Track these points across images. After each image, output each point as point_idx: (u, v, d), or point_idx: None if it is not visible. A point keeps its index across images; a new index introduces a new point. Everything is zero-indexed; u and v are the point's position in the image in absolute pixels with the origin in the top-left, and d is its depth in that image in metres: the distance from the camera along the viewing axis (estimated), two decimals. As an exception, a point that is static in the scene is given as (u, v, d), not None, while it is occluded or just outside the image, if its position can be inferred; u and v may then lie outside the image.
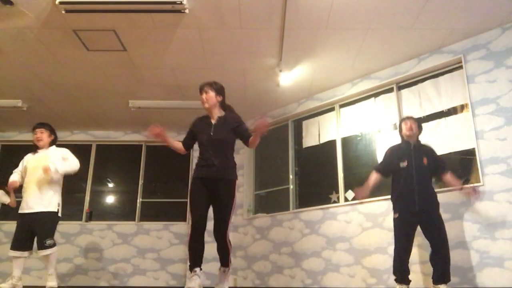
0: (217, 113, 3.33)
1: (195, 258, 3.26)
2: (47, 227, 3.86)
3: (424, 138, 4.25)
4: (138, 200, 6.85)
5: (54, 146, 4.14)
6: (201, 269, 3.22)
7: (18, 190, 4.15)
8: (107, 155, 7.17)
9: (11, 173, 4.16)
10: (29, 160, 4.06)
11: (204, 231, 3.28)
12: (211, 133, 3.22)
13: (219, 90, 3.35)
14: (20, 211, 3.93)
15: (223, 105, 3.39)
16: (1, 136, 7.09)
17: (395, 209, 3.76)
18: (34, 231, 3.84)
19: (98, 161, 7.08)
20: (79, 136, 7.11)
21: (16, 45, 4.51)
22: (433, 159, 3.78)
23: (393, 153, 3.89)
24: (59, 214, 3.97)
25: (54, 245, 3.86)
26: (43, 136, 4.06)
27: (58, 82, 5.39)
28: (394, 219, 3.75)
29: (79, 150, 7.07)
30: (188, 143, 3.41)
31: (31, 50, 4.59)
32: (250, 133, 3.24)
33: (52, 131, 4.16)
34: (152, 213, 6.85)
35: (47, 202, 3.87)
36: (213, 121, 3.29)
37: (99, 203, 6.97)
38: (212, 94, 3.29)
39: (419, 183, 3.63)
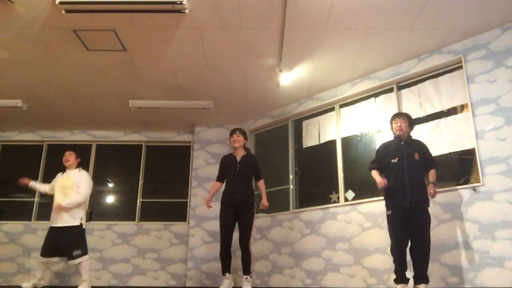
0: (241, 152, 4.36)
1: (226, 265, 4.14)
2: (72, 240, 4.39)
3: (424, 138, 4.25)
4: (138, 200, 6.86)
5: (80, 168, 4.66)
6: (229, 273, 4.13)
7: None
8: (107, 155, 7.16)
9: (11, 173, 4.55)
10: (57, 179, 4.62)
11: (231, 245, 4.14)
12: (237, 168, 4.27)
13: (245, 135, 4.42)
14: (50, 224, 4.46)
15: (244, 147, 4.42)
16: (1, 136, 7.09)
17: (387, 206, 3.78)
18: (61, 243, 4.36)
19: (98, 161, 7.09)
20: (79, 136, 7.11)
21: (16, 45, 4.51)
22: (423, 155, 3.81)
23: (384, 150, 3.94)
24: (84, 227, 4.52)
25: (82, 254, 4.40)
26: (71, 158, 4.63)
27: (58, 82, 5.39)
28: (388, 216, 3.77)
29: (79, 150, 7.11)
30: (222, 177, 4.42)
31: (31, 50, 4.60)
32: (261, 175, 4.40)
33: (79, 155, 4.74)
34: (152, 213, 6.85)
35: (71, 217, 4.40)
36: (237, 159, 4.33)
37: (99, 203, 6.97)
38: (241, 137, 4.34)
39: (410, 178, 3.67)
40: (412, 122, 3.98)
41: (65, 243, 4.34)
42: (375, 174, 3.90)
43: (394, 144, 3.90)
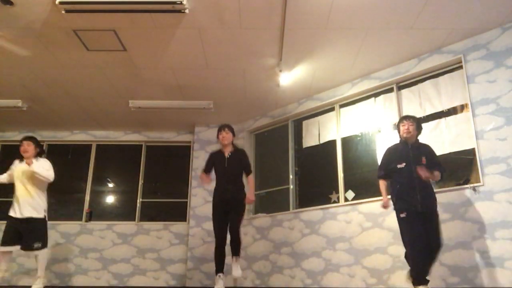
0: (229, 149, 4.30)
1: (220, 265, 4.11)
2: (35, 231, 4.30)
3: (424, 138, 4.25)
4: (138, 200, 6.86)
5: (38, 157, 4.44)
6: (223, 273, 4.10)
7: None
8: (107, 155, 7.17)
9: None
10: (15, 168, 4.44)
11: (225, 244, 4.12)
12: (225, 165, 4.22)
13: (234, 131, 4.36)
14: (10, 214, 4.32)
15: (232, 143, 4.37)
16: (1, 136, 7.10)
17: (400, 209, 3.63)
18: (23, 233, 4.27)
19: (98, 161, 7.08)
20: (79, 136, 7.11)
21: (16, 45, 4.51)
22: (431, 159, 3.74)
23: (391, 155, 3.86)
24: (46, 219, 4.43)
25: (42, 247, 4.31)
26: (30, 148, 4.37)
27: (58, 82, 5.39)
28: (402, 219, 3.61)
29: (79, 150, 7.13)
30: (209, 170, 4.37)
31: (31, 50, 4.59)
32: (250, 169, 4.32)
33: (38, 145, 4.48)
34: (152, 213, 6.85)
35: (35, 210, 4.31)
36: (226, 155, 4.27)
37: (99, 203, 6.97)
38: (230, 134, 4.29)
39: (420, 183, 3.59)
40: (420, 125, 3.86)
41: (27, 234, 4.25)
42: (382, 188, 3.88)
43: (401, 148, 3.80)
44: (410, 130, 3.74)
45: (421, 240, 3.50)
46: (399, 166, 3.71)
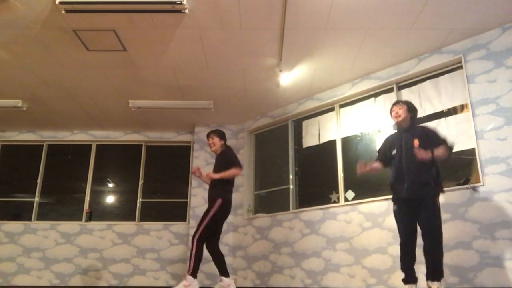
0: (219, 151, 4.25)
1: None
2: None
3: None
4: (138, 200, 6.86)
5: None
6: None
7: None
8: (107, 155, 7.17)
9: (11, 173, 4.37)
10: None
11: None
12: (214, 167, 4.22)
13: (221, 135, 4.25)
14: None
15: (225, 146, 4.27)
16: (1, 136, 7.09)
17: (392, 200, 3.58)
18: None
19: (98, 161, 7.09)
20: (79, 136, 7.11)
21: (16, 45, 4.51)
22: (426, 138, 3.44)
23: (387, 142, 3.75)
24: None
25: None
26: None
27: (58, 82, 5.39)
28: (394, 212, 3.56)
29: (79, 150, 7.13)
30: None
31: (31, 50, 4.60)
32: (230, 166, 4.05)
33: None
34: (152, 213, 6.85)
35: None
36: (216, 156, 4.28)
37: (99, 203, 6.97)
38: (217, 139, 4.21)
39: (409, 169, 3.41)
40: (413, 108, 3.66)
41: None
42: (372, 164, 3.70)
43: (395, 134, 3.70)
44: (400, 114, 3.57)
45: (406, 234, 3.42)
46: (393, 152, 3.58)
